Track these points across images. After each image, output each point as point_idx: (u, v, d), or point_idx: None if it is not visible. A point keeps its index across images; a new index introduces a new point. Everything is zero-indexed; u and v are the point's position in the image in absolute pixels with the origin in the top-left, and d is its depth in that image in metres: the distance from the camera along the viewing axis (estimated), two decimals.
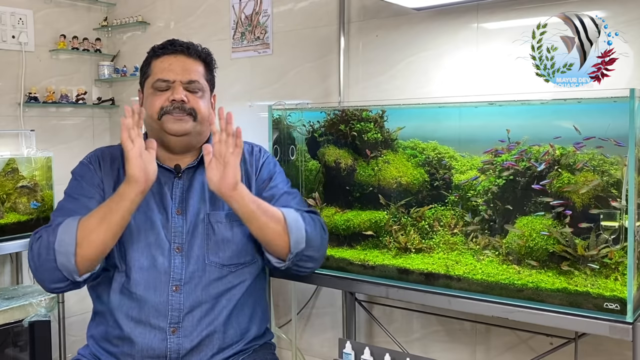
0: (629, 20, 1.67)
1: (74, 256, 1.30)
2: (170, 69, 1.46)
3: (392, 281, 1.65)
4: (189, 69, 1.48)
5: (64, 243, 1.31)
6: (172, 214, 1.47)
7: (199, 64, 1.51)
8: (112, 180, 1.49)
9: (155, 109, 1.45)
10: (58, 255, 1.31)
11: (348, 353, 1.68)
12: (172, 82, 1.46)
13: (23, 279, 2.76)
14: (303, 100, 2.33)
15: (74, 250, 1.30)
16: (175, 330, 1.41)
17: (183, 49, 1.49)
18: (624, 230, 1.34)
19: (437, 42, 2.03)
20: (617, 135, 1.35)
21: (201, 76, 1.50)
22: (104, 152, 1.55)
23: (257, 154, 1.61)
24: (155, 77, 1.47)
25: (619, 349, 1.71)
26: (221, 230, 1.48)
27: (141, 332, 1.41)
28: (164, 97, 1.45)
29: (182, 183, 1.50)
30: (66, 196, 1.49)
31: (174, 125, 1.45)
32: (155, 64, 1.49)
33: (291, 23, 2.41)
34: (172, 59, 1.48)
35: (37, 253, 1.35)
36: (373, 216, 1.72)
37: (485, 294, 1.51)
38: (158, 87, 1.46)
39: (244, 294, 1.50)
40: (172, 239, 1.45)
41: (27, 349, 2.46)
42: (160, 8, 2.90)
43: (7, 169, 2.52)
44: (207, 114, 1.51)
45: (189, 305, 1.42)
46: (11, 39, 2.72)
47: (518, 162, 1.51)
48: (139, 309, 1.41)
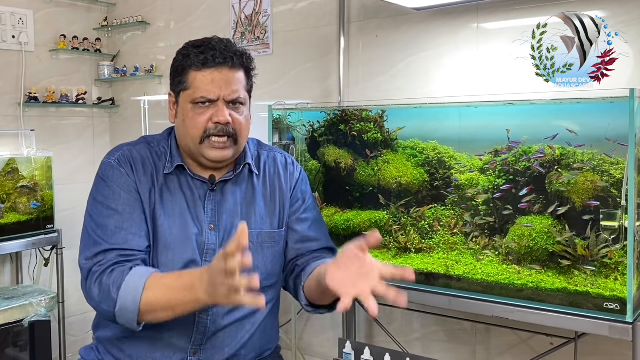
0: (629, 20, 1.67)
1: (136, 323, 1.24)
2: (214, 84, 1.34)
3: (392, 281, 1.65)
4: (232, 82, 1.35)
5: (126, 312, 1.24)
6: (205, 229, 1.38)
7: (241, 74, 1.38)
8: (147, 188, 1.37)
9: (198, 131, 1.34)
10: (118, 319, 1.25)
11: (348, 353, 1.68)
12: (215, 100, 1.34)
13: (23, 279, 2.76)
14: (303, 100, 2.33)
15: (137, 318, 1.24)
16: (197, 352, 1.36)
17: (226, 60, 1.35)
18: (623, 230, 1.35)
19: (437, 42, 2.03)
20: (617, 135, 1.35)
21: (243, 88, 1.38)
22: (132, 152, 1.40)
23: (291, 168, 1.51)
24: (198, 94, 1.34)
25: (619, 349, 1.71)
26: (252, 251, 1.36)
27: (161, 349, 1.36)
28: (206, 117, 1.34)
29: (215, 196, 1.41)
30: (102, 207, 1.35)
31: (215, 153, 1.35)
32: (196, 76, 1.35)
33: (291, 23, 2.41)
34: (214, 73, 1.34)
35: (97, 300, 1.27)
36: (373, 216, 1.72)
37: (485, 294, 1.51)
38: (199, 104, 1.35)
39: (267, 316, 1.45)
40: (204, 257, 1.36)
41: (27, 349, 2.46)
42: (160, 8, 2.90)
43: (7, 169, 2.52)
44: (247, 131, 1.40)
45: (214, 329, 1.37)
46: (11, 39, 2.72)
47: (518, 162, 1.51)
48: (161, 326, 1.32)
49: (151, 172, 1.38)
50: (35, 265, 2.77)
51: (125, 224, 1.32)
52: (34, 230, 2.53)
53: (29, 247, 2.54)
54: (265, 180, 1.47)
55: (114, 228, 1.32)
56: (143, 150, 1.41)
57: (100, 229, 1.32)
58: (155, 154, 1.40)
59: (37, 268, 2.76)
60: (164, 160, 1.41)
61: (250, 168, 1.44)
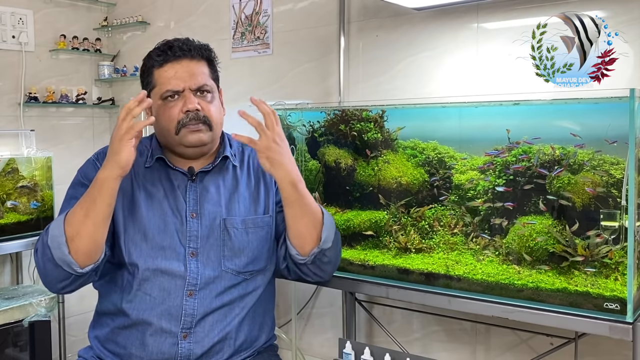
0: (629, 20, 1.67)
1: (67, 248, 1.29)
2: (177, 77, 1.41)
3: (392, 281, 1.65)
4: (195, 73, 1.43)
5: (55, 238, 1.30)
6: (186, 217, 1.44)
7: (203, 64, 1.47)
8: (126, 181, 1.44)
9: (172, 123, 1.42)
10: (53, 251, 1.30)
11: (348, 353, 1.68)
12: (181, 91, 1.42)
13: (23, 279, 2.76)
14: (303, 100, 2.33)
15: (66, 242, 1.29)
16: (187, 336, 1.39)
17: (184, 52, 1.44)
18: (623, 230, 1.35)
19: (437, 42, 2.03)
20: (617, 135, 1.35)
21: (208, 77, 1.46)
22: None
23: None
24: (163, 89, 1.42)
25: (619, 349, 1.71)
26: (237, 236, 1.46)
27: (151, 335, 1.39)
28: (177, 109, 1.41)
29: (196, 186, 1.47)
30: (68, 197, 1.47)
31: (192, 137, 1.42)
32: (159, 73, 1.44)
33: (291, 23, 2.41)
34: (176, 67, 1.42)
35: (38, 255, 1.35)
36: (373, 216, 1.73)
37: (485, 294, 1.51)
38: (167, 98, 1.42)
39: (257, 302, 1.49)
40: (187, 244, 1.42)
41: (27, 349, 2.46)
42: (160, 8, 2.90)
43: (7, 169, 2.52)
44: (220, 118, 1.48)
45: (203, 312, 1.41)
46: (11, 39, 2.72)
47: (518, 162, 1.51)
48: (150, 311, 1.39)
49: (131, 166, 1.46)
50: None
51: None
52: (34, 230, 2.53)
53: (29, 247, 2.54)
54: (249, 172, 1.54)
55: None
56: None
57: (59, 213, 1.43)
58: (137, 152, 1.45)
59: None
60: (145, 156, 1.49)
61: (231, 162, 1.52)
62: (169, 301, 1.40)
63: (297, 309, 2.35)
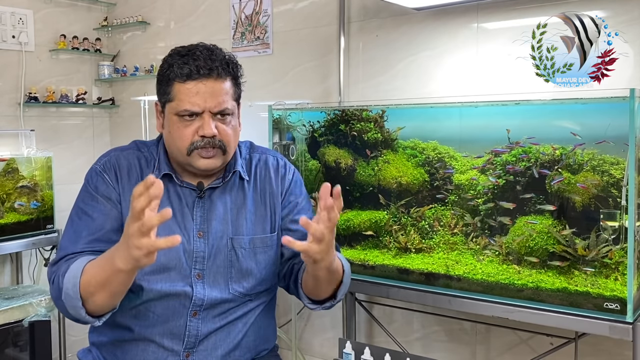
0: (629, 20, 1.67)
1: (84, 310, 1.23)
2: (198, 96, 1.30)
3: (392, 281, 1.65)
4: (218, 94, 1.31)
5: (70, 298, 1.22)
6: (193, 236, 1.37)
7: (228, 82, 1.34)
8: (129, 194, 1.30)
9: (184, 143, 1.32)
10: (68, 308, 1.24)
11: (348, 353, 1.68)
12: (200, 113, 1.31)
13: (23, 279, 2.76)
14: (303, 100, 2.33)
15: (82, 305, 1.22)
16: (189, 355, 1.36)
17: (211, 72, 1.30)
18: (623, 230, 1.35)
19: (437, 42, 2.03)
20: (617, 135, 1.35)
21: (230, 98, 1.34)
22: (119, 159, 1.40)
23: (282, 171, 1.48)
24: (181, 107, 1.31)
25: (619, 349, 1.71)
26: (245, 257, 1.39)
27: (153, 352, 1.36)
28: (192, 130, 1.31)
29: (204, 203, 1.39)
30: (79, 211, 1.36)
31: (204, 163, 1.33)
32: (179, 88, 1.31)
33: (291, 23, 2.41)
34: (199, 86, 1.30)
35: (53, 296, 1.28)
36: (373, 216, 1.72)
37: (485, 294, 1.51)
38: (184, 117, 1.32)
39: (259, 316, 1.45)
40: (192, 265, 1.36)
41: (27, 349, 2.46)
42: (160, 8, 2.90)
43: (7, 169, 2.52)
44: (236, 141, 1.39)
45: (206, 331, 1.37)
46: (11, 39, 2.72)
47: (518, 162, 1.51)
48: (153, 329, 1.35)
49: (136, 179, 1.37)
50: (35, 265, 2.77)
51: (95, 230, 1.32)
52: (34, 230, 2.53)
53: (28, 247, 2.54)
54: (255, 185, 1.45)
55: (83, 234, 1.32)
56: (131, 157, 1.41)
57: (71, 231, 1.33)
58: (144, 159, 1.40)
59: (37, 268, 2.76)
60: (152, 167, 1.39)
61: (240, 175, 1.42)
62: (172, 320, 1.35)
63: (297, 309, 2.35)
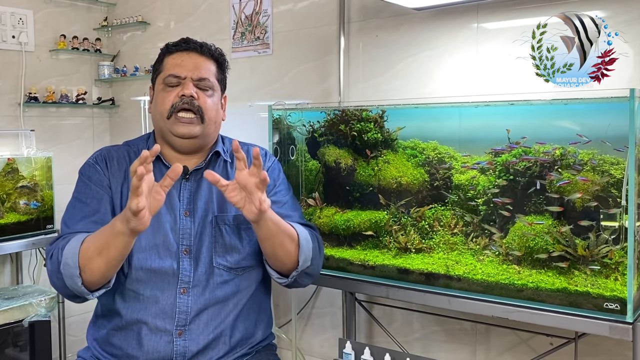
0: (629, 20, 1.67)
1: (80, 279, 1.30)
2: (182, 65, 1.47)
3: (392, 281, 1.65)
4: (201, 66, 1.49)
5: (69, 267, 1.30)
6: (180, 215, 1.46)
7: (211, 63, 1.52)
8: (119, 181, 1.48)
9: (165, 106, 1.45)
10: (65, 279, 1.31)
11: (348, 353, 1.68)
12: (183, 78, 1.46)
13: (23, 279, 2.76)
14: (303, 100, 2.33)
15: (79, 274, 1.30)
16: (182, 333, 1.41)
17: (196, 46, 1.51)
18: (623, 230, 1.34)
19: (437, 42, 2.03)
20: (617, 135, 1.35)
21: (212, 75, 1.51)
22: (110, 152, 1.54)
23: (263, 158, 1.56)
24: (167, 73, 1.48)
25: (619, 349, 1.71)
26: (229, 233, 1.48)
27: (147, 334, 1.41)
28: (174, 93, 1.46)
29: (190, 185, 1.49)
30: (74, 200, 1.48)
31: (182, 128, 1.45)
32: (168, 60, 1.50)
33: (291, 23, 2.41)
34: (184, 56, 1.49)
35: (50, 271, 1.36)
36: (373, 216, 1.72)
37: (485, 294, 1.51)
38: (169, 83, 1.47)
39: (250, 298, 1.51)
40: (180, 241, 1.44)
41: (27, 349, 2.46)
42: (160, 8, 2.90)
43: (7, 169, 2.52)
44: (215, 114, 1.50)
45: (197, 309, 1.42)
46: (11, 39, 2.72)
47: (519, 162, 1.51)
48: (145, 311, 1.41)
49: (125, 167, 1.50)
50: (35, 265, 2.77)
51: (88, 214, 1.43)
52: (33, 230, 2.53)
53: (28, 247, 2.54)
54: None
55: (77, 217, 1.43)
56: (121, 151, 1.55)
57: (68, 217, 1.45)
58: (133, 153, 1.53)
59: (37, 268, 2.76)
60: None
61: (223, 159, 1.54)
62: (162, 299, 1.41)
63: (297, 309, 2.35)
